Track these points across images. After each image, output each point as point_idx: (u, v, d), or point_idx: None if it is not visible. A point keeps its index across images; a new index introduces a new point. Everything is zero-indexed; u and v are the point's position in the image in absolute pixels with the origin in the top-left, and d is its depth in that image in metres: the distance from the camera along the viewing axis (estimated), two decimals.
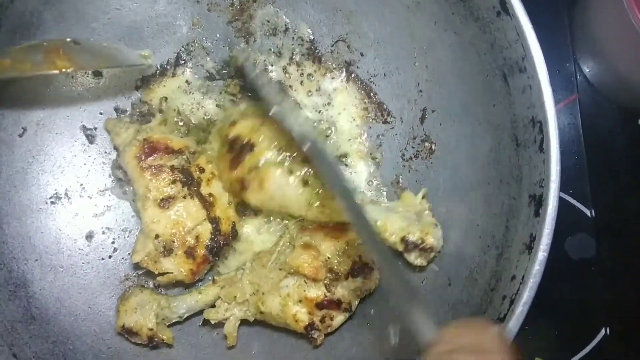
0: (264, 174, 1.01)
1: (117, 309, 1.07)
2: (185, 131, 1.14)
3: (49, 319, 1.06)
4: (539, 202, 0.87)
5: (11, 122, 1.08)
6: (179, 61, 1.16)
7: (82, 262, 1.12)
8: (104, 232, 1.14)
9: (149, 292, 1.07)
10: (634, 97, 1.30)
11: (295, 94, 1.16)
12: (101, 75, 1.14)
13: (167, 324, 1.07)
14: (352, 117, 1.16)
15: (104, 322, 1.09)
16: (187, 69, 1.17)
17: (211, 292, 1.06)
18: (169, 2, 1.14)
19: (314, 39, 1.16)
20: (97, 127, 1.15)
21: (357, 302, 1.05)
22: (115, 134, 1.10)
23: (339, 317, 1.03)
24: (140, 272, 1.12)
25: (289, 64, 1.16)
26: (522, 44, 0.88)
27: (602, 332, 1.23)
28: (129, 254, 1.12)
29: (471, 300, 0.95)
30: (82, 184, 1.14)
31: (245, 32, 1.16)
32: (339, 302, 1.01)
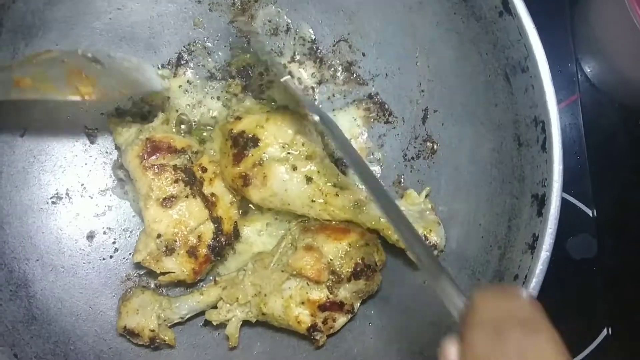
0: (268, 170, 1.01)
1: (119, 310, 1.06)
2: (186, 131, 1.14)
3: (50, 319, 1.06)
4: (541, 201, 0.87)
5: (12, 122, 1.08)
6: (180, 61, 1.16)
7: (83, 262, 1.12)
8: (105, 232, 1.14)
9: (150, 293, 1.07)
10: (635, 96, 1.30)
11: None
12: None
13: (169, 324, 1.06)
14: (353, 116, 1.15)
15: (105, 323, 1.09)
16: (188, 69, 1.16)
17: (213, 293, 1.06)
18: (171, 2, 1.14)
19: (315, 39, 1.16)
20: (98, 128, 1.15)
21: (359, 304, 1.05)
22: (117, 134, 1.10)
23: (342, 318, 1.02)
24: (141, 272, 1.12)
25: (290, 62, 1.16)
26: (525, 44, 0.87)
27: (604, 332, 1.22)
28: (130, 254, 1.12)
29: None
30: (83, 184, 1.14)
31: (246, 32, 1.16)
32: (342, 304, 1.01)
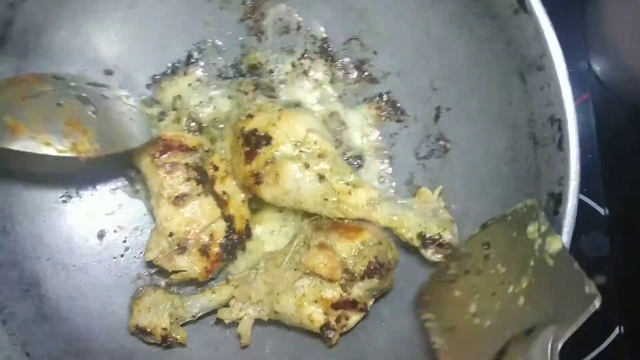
0: (280, 168, 1.01)
1: (130, 308, 1.06)
2: (197, 129, 1.13)
3: (61, 318, 1.06)
4: (557, 200, 0.87)
5: None
6: (190, 60, 1.15)
7: (94, 261, 1.11)
8: (116, 231, 1.13)
9: (162, 291, 1.07)
10: None
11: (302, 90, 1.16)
12: (112, 73, 1.13)
13: (181, 323, 1.06)
14: (364, 115, 1.15)
15: (117, 321, 1.08)
16: (198, 67, 1.16)
17: (225, 292, 1.05)
18: (181, 0, 1.13)
19: (326, 37, 1.15)
20: None
21: (372, 302, 1.04)
22: None
23: (355, 317, 1.02)
24: (152, 270, 1.12)
25: (299, 59, 1.16)
26: (541, 42, 0.87)
27: (616, 331, 1.22)
28: (141, 252, 1.12)
29: None
30: (93, 183, 1.13)
31: (256, 30, 1.15)
32: (355, 303, 1.01)
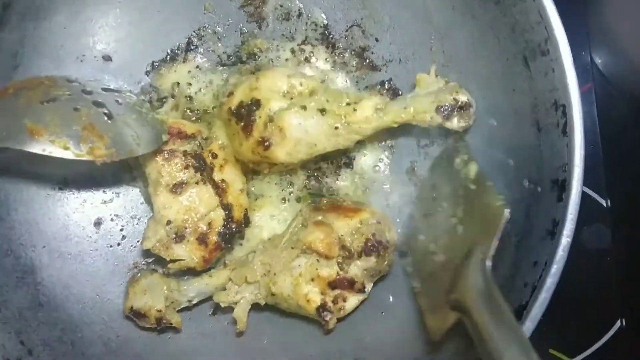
0: (281, 122, 0.99)
1: (127, 291, 1.05)
2: (196, 116, 1.12)
3: (57, 306, 1.05)
4: (562, 186, 0.86)
5: None
6: (189, 46, 1.15)
7: (91, 249, 1.10)
8: (113, 219, 1.12)
9: (159, 275, 1.06)
10: None
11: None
12: (111, 59, 1.12)
13: (177, 308, 1.05)
14: None
15: (112, 310, 1.08)
16: (198, 54, 1.15)
17: (222, 276, 1.04)
18: None
19: (327, 24, 1.14)
20: None
21: (370, 285, 1.03)
22: None
23: (352, 299, 1.01)
24: (149, 259, 1.11)
25: (299, 44, 1.15)
26: (546, 26, 0.86)
27: (618, 324, 1.21)
28: (138, 241, 1.11)
29: None
30: (90, 170, 1.11)
31: (257, 16, 1.14)
32: (352, 282, 1.00)
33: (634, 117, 1.31)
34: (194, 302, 1.06)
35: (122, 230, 1.12)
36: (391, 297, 1.08)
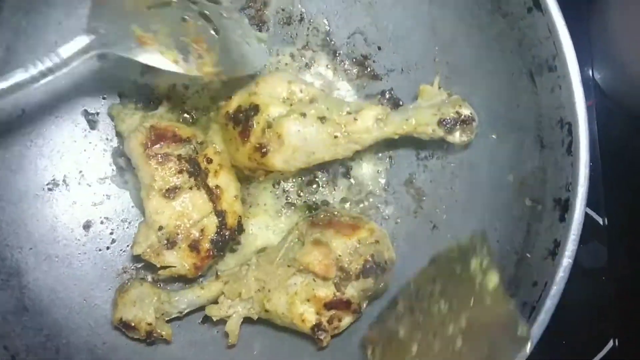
0: (279, 128, 0.97)
1: (115, 301, 1.02)
2: (192, 120, 1.10)
3: (42, 311, 1.02)
4: (564, 206, 0.85)
5: (10, 102, 1.03)
6: None
7: (79, 253, 1.07)
8: (102, 222, 1.10)
9: (149, 285, 1.03)
10: None
11: None
12: (105, 57, 1.09)
13: (167, 319, 1.02)
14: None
15: (99, 316, 1.05)
16: None
17: (214, 288, 1.02)
18: None
19: (329, 30, 1.12)
20: (99, 112, 1.10)
21: (366, 304, 1.01)
22: (119, 120, 1.06)
23: (347, 318, 0.99)
24: (139, 265, 1.08)
25: (300, 49, 1.13)
26: (554, 42, 0.85)
27: (611, 343, 1.21)
28: (128, 245, 1.08)
29: None
30: (81, 171, 1.10)
31: (258, 19, 1.12)
32: (349, 303, 0.98)
33: (633, 134, 1.30)
34: (185, 312, 1.03)
35: (111, 233, 1.09)
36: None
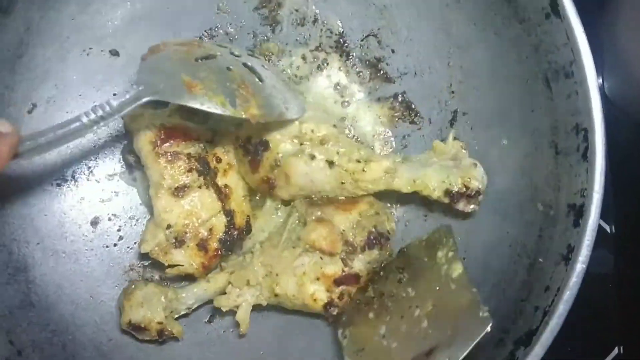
0: (287, 168, 0.98)
1: (121, 305, 1.00)
2: (202, 119, 1.09)
3: (48, 306, 1.01)
4: (579, 212, 0.85)
5: (21, 97, 1.03)
6: None
7: (86, 249, 1.07)
8: (110, 219, 1.09)
9: (154, 284, 1.02)
10: None
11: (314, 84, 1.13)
12: (118, 54, 1.09)
13: (176, 316, 1.02)
14: (377, 115, 1.12)
15: (105, 313, 1.04)
16: None
17: (220, 279, 1.01)
18: None
19: (343, 32, 1.12)
20: None
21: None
22: (129, 118, 1.05)
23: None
24: (146, 262, 1.08)
25: (312, 51, 1.13)
26: (572, 48, 0.85)
27: (616, 350, 1.20)
28: (135, 243, 1.08)
29: (499, 310, 0.91)
30: (90, 167, 1.09)
31: (271, 20, 1.12)
32: (357, 277, 0.99)
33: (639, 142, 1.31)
34: (193, 308, 1.03)
35: (119, 230, 1.09)
36: None
